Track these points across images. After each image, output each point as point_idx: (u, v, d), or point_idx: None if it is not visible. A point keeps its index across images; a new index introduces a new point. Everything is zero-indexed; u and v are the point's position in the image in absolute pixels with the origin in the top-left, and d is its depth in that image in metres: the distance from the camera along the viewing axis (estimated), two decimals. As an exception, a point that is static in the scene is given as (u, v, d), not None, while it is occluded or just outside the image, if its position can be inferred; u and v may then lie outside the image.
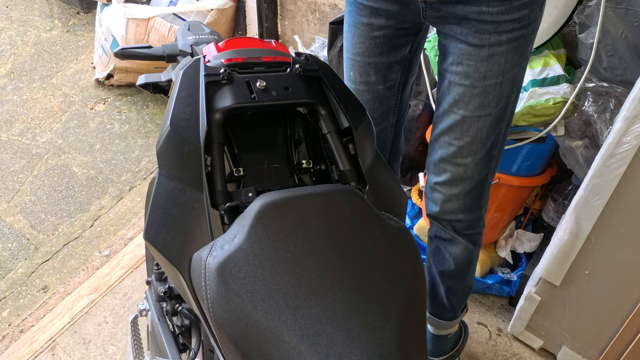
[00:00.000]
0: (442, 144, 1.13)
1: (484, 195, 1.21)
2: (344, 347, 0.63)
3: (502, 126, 1.10)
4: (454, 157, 1.12)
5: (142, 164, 2.37)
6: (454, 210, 1.20)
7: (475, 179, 1.15)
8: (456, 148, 1.11)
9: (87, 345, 1.68)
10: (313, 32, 2.38)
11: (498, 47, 0.99)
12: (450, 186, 1.16)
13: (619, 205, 1.25)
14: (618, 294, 1.39)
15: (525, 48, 1.02)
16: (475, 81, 1.03)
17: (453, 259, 1.30)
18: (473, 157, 1.11)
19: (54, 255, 2.02)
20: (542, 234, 1.79)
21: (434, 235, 1.31)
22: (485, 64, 1.00)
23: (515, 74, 1.04)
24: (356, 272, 0.69)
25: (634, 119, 1.13)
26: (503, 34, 0.98)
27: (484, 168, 1.15)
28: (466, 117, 1.07)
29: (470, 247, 1.27)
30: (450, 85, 1.06)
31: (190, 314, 1.02)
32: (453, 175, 1.15)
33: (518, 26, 0.98)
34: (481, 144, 1.10)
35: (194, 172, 0.77)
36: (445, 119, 1.10)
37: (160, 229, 0.77)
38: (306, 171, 0.90)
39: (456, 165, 1.13)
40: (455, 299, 1.40)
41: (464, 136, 1.09)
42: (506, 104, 1.07)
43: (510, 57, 1.00)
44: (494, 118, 1.07)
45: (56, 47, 2.92)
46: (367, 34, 1.12)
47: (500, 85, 1.03)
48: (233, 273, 0.66)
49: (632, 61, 1.38)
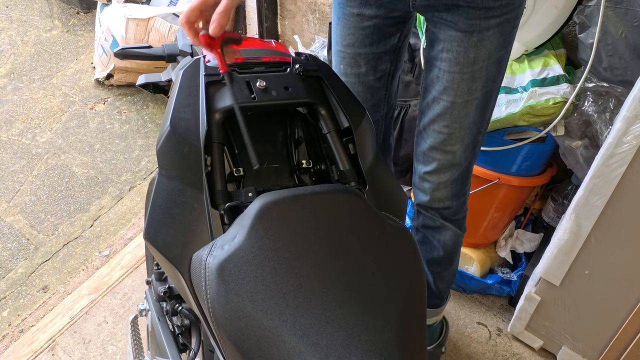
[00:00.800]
0: (430, 133, 1.15)
1: (468, 181, 1.25)
2: (344, 347, 0.63)
3: (487, 111, 1.13)
4: (443, 144, 1.15)
5: (142, 164, 2.37)
6: (442, 198, 1.24)
7: (463, 165, 1.18)
8: (446, 135, 1.13)
9: (87, 345, 1.68)
10: (313, 32, 2.39)
11: (487, 31, 1.01)
12: (439, 174, 1.19)
13: (619, 205, 1.25)
14: (618, 294, 1.39)
15: (510, 32, 1.04)
16: (465, 67, 1.04)
17: (442, 245, 1.33)
18: (461, 143, 1.14)
19: (54, 255, 2.02)
20: (542, 234, 1.79)
21: (421, 225, 1.35)
22: (474, 49, 1.02)
23: (500, 57, 1.06)
24: (356, 272, 0.69)
25: (634, 119, 1.13)
26: (491, 19, 1.00)
27: (471, 153, 1.18)
28: (455, 104, 1.09)
29: (458, 232, 1.31)
30: (439, 73, 1.08)
31: (190, 314, 1.02)
32: (442, 163, 1.17)
33: (505, 11, 1.00)
34: (469, 129, 1.13)
35: (194, 172, 0.77)
36: (434, 107, 1.12)
37: (160, 229, 0.77)
38: (306, 171, 0.90)
39: (445, 153, 1.16)
40: (442, 284, 1.44)
41: (454, 123, 1.11)
42: (492, 89, 1.09)
43: (496, 40, 1.02)
44: (480, 101, 1.09)
45: (56, 47, 2.92)
46: (356, 24, 1.13)
47: (486, 69, 1.05)
48: (233, 273, 0.66)
49: (632, 61, 1.38)
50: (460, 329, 1.73)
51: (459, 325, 1.74)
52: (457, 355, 1.66)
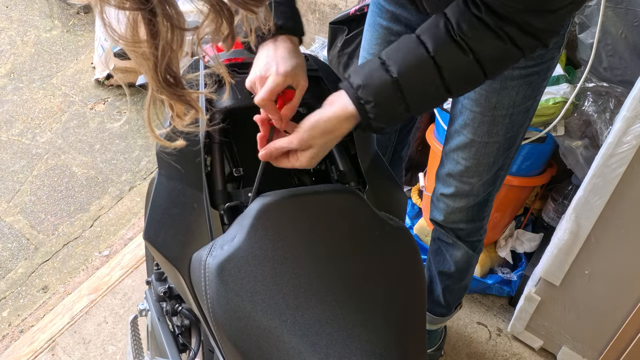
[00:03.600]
0: (450, 160, 1.14)
1: (487, 208, 1.23)
2: (344, 347, 0.63)
3: (511, 151, 1.11)
4: (460, 175, 1.14)
5: (142, 164, 2.37)
6: (456, 221, 1.23)
7: (480, 196, 1.17)
8: (463, 167, 1.12)
9: (87, 345, 1.68)
10: (313, 32, 2.38)
11: (510, 81, 0.98)
12: (455, 199, 1.18)
13: (619, 205, 1.25)
14: (618, 294, 1.39)
15: (539, 84, 1.01)
16: (486, 110, 1.03)
17: (454, 261, 1.33)
18: (479, 178, 1.13)
19: (54, 255, 2.02)
20: (542, 234, 1.79)
21: (437, 237, 1.34)
22: (497, 95, 1.00)
23: (528, 107, 1.04)
24: (356, 272, 0.69)
25: (634, 119, 1.13)
26: (516, 70, 0.97)
27: (490, 186, 1.16)
28: (474, 141, 1.07)
29: (470, 253, 1.30)
30: (462, 108, 1.06)
31: (190, 314, 1.02)
32: (458, 190, 1.16)
33: (532, 64, 0.97)
34: (488, 166, 1.11)
35: (193, 172, 0.77)
36: (455, 138, 1.11)
37: (160, 229, 0.77)
38: (306, 171, 0.90)
39: (462, 183, 1.15)
40: (451, 297, 1.44)
41: (471, 158, 1.10)
42: (517, 133, 1.08)
43: (523, 91, 1.00)
44: (502, 145, 1.08)
45: (56, 47, 2.92)
46: (384, 36, 1.13)
47: (510, 117, 1.03)
48: (233, 273, 0.66)
49: (632, 61, 1.38)
50: (460, 329, 1.73)
51: (459, 325, 1.74)
52: (457, 355, 1.66)
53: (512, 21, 0.68)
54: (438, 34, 0.71)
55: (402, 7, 1.07)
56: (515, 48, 0.71)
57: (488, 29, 0.69)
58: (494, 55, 0.72)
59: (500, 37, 0.69)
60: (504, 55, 0.72)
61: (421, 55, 0.72)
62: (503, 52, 0.71)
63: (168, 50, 0.55)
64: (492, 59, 0.72)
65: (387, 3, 1.09)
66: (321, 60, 0.89)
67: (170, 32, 0.53)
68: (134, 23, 0.52)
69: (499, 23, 0.69)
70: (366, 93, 0.72)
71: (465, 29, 0.70)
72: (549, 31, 0.71)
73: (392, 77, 0.72)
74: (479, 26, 0.69)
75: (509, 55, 0.72)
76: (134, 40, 0.53)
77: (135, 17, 0.51)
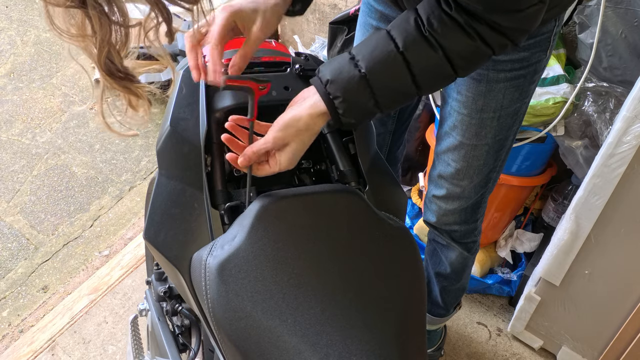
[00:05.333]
0: (441, 162, 1.14)
1: (480, 210, 1.23)
2: (344, 347, 0.63)
3: (501, 153, 1.11)
4: (451, 177, 1.14)
5: (142, 164, 2.37)
6: (449, 223, 1.23)
7: (472, 199, 1.17)
8: (454, 169, 1.12)
9: (87, 345, 1.68)
10: (313, 32, 2.38)
11: (496, 84, 0.98)
12: (447, 201, 1.18)
13: (619, 205, 1.25)
14: (618, 294, 1.39)
15: (526, 87, 1.01)
16: (473, 112, 1.02)
17: (449, 263, 1.33)
18: (470, 180, 1.13)
19: (54, 255, 2.02)
20: (542, 234, 1.79)
21: (432, 239, 1.35)
22: (483, 98, 1.00)
23: (516, 109, 1.03)
24: (356, 272, 0.69)
25: (634, 119, 1.13)
26: (501, 72, 0.97)
27: (482, 188, 1.16)
28: (463, 144, 1.07)
29: (465, 254, 1.30)
30: (450, 110, 1.06)
31: (190, 314, 1.03)
32: (450, 193, 1.16)
33: (517, 66, 0.97)
34: (478, 169, 1.11)
35: (194, 172, 0.77)
36: (445, 140, 1.11)
37: (160, 228, 0.77)
38: (306, 171, 0.90)
39: (454, 185, 1.15)
40: (449, 297, 1.44)
41: (461, 160, 1.10)
42: (506, 136, 1.07)
43: (510, 94, 1.00)
44: (491, 147, 1.07)
45: (56, 47, 2.92)
46: None
47: (498, 119, 1.03)
48: (233, 273, 0.66)
49: (632, 61, 1.38)
50: (460, 329, 1.73)
51: (458, 325, 1.74)
52: (457, 355, 1.66)
53: (481, 19, 0.68)
54: (408, 29, 0.71)
55: (389, 7, 1.07)
56: (484, 46, 0.71)
57: (457, 25, 0.69)
58: (463, 52, 0.71)
59: (469, 34, 0.69)
60: (473, 52, 0.72)
61: (391, 50, 0.71)
62: (472, 49, 0.71)
63: (106, 46, 0.57)
64: (461, 56, 0.72)
65: (377, 3, 1.09)
66: (321, 60, 0.89)
67: (108, 28, 0.56)
68: (73, 19, 0.55)
69: (468, 20, 0.69)
70: (334, 88, 0.72)
71: (435, 25, 0.70)
72: (519, 30, 0.71)
73: (360, 73, 0.71)
74: (449, 23, 0.69)
75: (478, 52, 0.72)
76: (70, 35, 0.56)
77: (74, 13, 0.54)
